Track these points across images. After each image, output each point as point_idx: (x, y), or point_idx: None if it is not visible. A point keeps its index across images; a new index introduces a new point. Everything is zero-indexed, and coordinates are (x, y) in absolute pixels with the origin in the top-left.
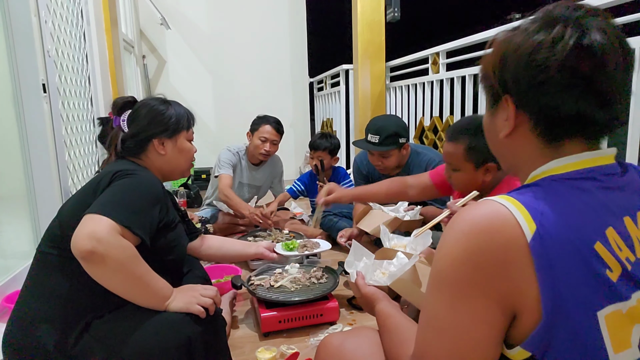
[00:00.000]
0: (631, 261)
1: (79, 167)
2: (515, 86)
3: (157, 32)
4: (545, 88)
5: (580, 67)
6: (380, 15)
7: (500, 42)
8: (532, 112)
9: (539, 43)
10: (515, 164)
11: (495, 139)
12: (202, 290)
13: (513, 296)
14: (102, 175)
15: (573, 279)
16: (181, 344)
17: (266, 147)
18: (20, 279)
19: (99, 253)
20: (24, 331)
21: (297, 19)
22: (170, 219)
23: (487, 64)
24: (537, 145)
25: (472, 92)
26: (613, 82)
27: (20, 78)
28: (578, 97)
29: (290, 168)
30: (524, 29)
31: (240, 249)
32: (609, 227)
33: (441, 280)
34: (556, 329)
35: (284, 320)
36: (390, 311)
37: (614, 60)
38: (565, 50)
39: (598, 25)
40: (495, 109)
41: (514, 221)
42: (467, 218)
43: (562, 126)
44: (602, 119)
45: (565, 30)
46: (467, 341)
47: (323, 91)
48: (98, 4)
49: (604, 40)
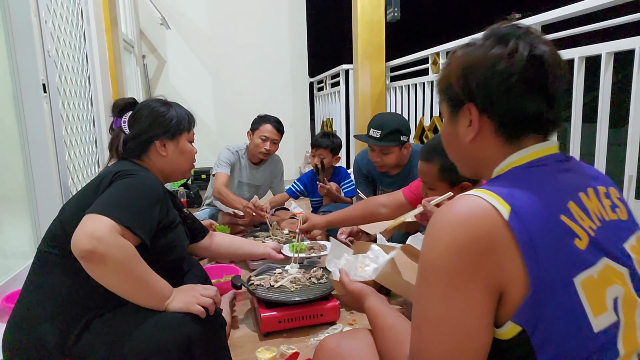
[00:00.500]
0: (594, 229)
1: (79, 167)
2: (480, 94)
3: (157, 32)
4: (509, 94)
5: (535, 74)
6: (380, 15)
7: (460, 57)
8: (496, 115)
9: (498, 55)
10: (479, 165)
11: (457, 146)
12: (202, 290)
13: (500, 275)
14: (103, 175)
15: (549, 249)
16: (181, 343)
17: (266, 146)
18: (20, 279)
19: (99, 253)
20: (24, 330)
21: (297, 19)
22: (170, 219)
23: (449, 77)
24: (499, 144)
25: None
26: (558, 85)
27: (20, 78)
28: (535, 100)
29: (290, 168)
30: (480, 45)
31: (249, 249)
32: (569, 202)
33: (432, 273)
34: (543, 300)
35: (284, 320)
36: (381, 308)
37: (556, 67)
38: (522, 60)
39: (540, 40)
40: (456, 118)
41: (490, 207)
42: (450, 212)
43: (521, 125)
44: (552, 117)
45: (518, 44)
46: (465, 330)
47: (323, 91)
48: (98, 4)
49: (548, 51)
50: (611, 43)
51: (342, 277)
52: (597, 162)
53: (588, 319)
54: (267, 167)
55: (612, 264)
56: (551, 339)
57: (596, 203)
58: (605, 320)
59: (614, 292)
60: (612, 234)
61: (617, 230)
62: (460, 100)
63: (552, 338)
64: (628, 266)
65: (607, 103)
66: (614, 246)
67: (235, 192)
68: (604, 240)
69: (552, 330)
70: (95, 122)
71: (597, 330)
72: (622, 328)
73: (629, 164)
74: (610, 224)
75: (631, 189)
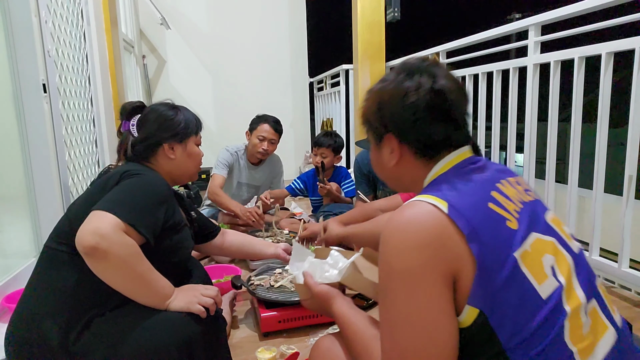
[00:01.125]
0: (518, 211)
1: (79, 167)
2: (395, 125)
3: (157, 32)
4: (419, 123)
5: (439, 105)
6: (380, 16)
7: (376, 92)
8: (412, 142)
9: (407, 89)
10: (407, 183)
11: (385, 169)
12: (203, 290)
13: (451, 262)
14: (111, 174)
15: (488, 231)
16: (181, 343)
17: (264, 146)
18: (21, 279)
19: (102, 249)
20: (28, 326)
21: (297, 19)
22: (176, 220)
23: (368, 111)
24: (420, 164)
25: (472, 92)
26: (460, 111)
27: (20, 78)
28: (442, 126)
29: (290, 168)
30: (392, 80)
31: (259, 249)
32: (492, 191)
33: (391, 276)
34: (491, 276)
35: (284, 320)
36: (348, 313)
37: (457, 96)
38: (426, 93)
39: (441, 73)
40: (380, 146)
41: (432, 206)
42: (399, 218)
43: (436, 147)
44: (461, 137)
45: (421, 79)
46: (431, 322)
47: (323, 91)
48: (98, 4)
49: (448, 84)
50: (611, 43)
51: (307, 280)
52: (597, 162)
53: (534, 288)
54: (266, 167)
55: (540, 236)
56: (506, 314)
57: (513, 190)
58: (550, 286)
59: (549, 261)
60: (533, 212)
61: (535, 208)
62: (381, 131)
63: (507, 313)
64: (554, 235)
65: (607, 103)
66: (538, 221)
67: (235, 192)
68: (529, 218)
69: (505, 305)
70: (95, 122)
71: (545, 297)
72: (564, 290)
73: (629, 164)
74: (529, 204)
75: (631, 189)
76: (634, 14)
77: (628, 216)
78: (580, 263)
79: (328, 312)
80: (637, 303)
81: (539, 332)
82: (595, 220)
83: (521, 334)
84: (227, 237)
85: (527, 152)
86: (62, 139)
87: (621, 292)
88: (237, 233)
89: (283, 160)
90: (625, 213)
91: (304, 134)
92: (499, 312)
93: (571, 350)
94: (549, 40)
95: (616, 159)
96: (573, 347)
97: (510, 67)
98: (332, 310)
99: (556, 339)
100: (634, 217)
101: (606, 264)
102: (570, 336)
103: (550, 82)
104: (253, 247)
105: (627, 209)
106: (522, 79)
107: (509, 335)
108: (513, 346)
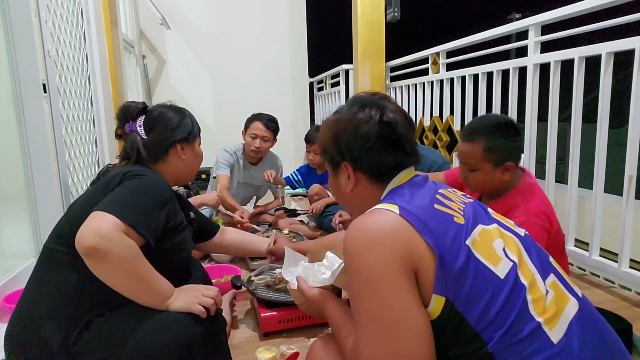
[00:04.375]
0: (462, 209)
1: (79, 167)
2: (349, 154)
3: (157, 32)
4: (371, 152)
5: (388, 135)
6: (380, 15)
7: (331, 122)
8: (366, 169)
9: (359, 120)
10: (364, 206)
11: (343, 194)
12: (203, 290)
13: (410, 256)
14: (112, 175)
15: (439, 225)
16: (181, 343)
17: (256, 144)
18: (21, 279)
19: (102, 249)
20: (28, 326)
21: (297, 19)
22: (177, 222)
23: (324, 141)
24: (375, 188)
25: (472, 92)
26: (408, 139)
27: (20, 78)
28: (392, 154)
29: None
30: (346, 112)
31: (260, 247)
32: (436, 195)
33: (357, 277)
34: (450, 263)
35: (284, 320)
36: (339, 315)
37: (404, 127)
38: (376, 124)
39: (389, 106)
40: (337, 173)
41: (388, 211)
42: (359, 224)
43: (388, 172)
44: (410, 161)
45: (371, 111)
46: (403, 317)
47: (323, 91)
48: (98, 4)
49: (395, 116)
50: (611, 43)
51: (300, 285)
52: (597, 162)
53: (492, 270)
54: (265, 166)
55: (485, 227)
56: (470, 297)
57: (454, 195)
58: (505, 266)
59: (499, 244)
60: (475, 209)
61: (477, 207)
62: (337, 159)
63: (470, 296)
64: (496, 223)
65: (607, 103)
66: (481, 215)
67: (235, 192)
68: (472, 214)
69: (467, 288)
70: (95, 122)
71: (502, 276)
72: (518, 267)
73: (629, 164)
74: (470, 204)
75: (631, 189)
76: (634, 14)
77: (628, 216)
78: (528, 244)
79: (322, 316)
80: (637, 303)
81: (505, 309)
82: (595, 220)
83: (489, 314)
84: (227, 235)
85: (527, 152)
86: (62, 138)
87: (621, 292)
88: (236, 230)
89: (283, 160)
90: (625, 213)
91: (304, 134)
92: (463, 296)
93: (538, 322)
94: (549, 40)
95: (616, 159)
96: (539, 318)
97: (510, 67)
98: (325, 314)
99: (522, 312)
100: (634, 217)
101: (606, 264)
102: (535, 307)
103: (550, 82)
104: (254, 245)
105: (627, 209)
106: (522, 79)
107: (478, 317)
108: (484, 327)
